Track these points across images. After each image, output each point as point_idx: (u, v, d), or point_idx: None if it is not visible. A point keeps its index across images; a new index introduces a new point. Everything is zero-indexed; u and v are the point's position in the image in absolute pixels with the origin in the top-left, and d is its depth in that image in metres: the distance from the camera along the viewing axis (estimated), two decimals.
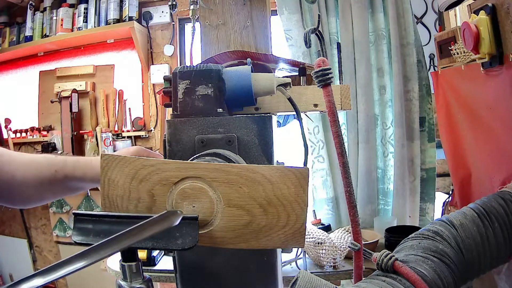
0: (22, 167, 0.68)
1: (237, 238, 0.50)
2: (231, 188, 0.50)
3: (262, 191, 0.49)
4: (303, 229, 0.50)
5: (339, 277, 1.50)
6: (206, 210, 0.50)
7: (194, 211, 0.50)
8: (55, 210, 2.76)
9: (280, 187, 0.49)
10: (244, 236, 0.50)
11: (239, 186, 0.49)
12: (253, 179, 0.49)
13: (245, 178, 0.49)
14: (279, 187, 0.49)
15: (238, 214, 0.50)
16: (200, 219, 0.49)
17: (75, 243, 0.50)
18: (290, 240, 0.50)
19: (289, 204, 0.49)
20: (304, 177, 0.49)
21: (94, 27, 2.55)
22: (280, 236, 0.50)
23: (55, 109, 2.71)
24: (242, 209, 0.50)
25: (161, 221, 0.46)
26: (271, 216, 0.49)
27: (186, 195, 0.50)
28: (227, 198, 0.50)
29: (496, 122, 1.15)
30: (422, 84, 1.92)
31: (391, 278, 0.65)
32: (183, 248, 0.47)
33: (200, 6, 1.11)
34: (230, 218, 0.50)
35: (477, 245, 0.76)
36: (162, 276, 1.48)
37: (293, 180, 0.49)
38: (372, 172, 1.94)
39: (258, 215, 0.49)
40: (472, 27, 1.08)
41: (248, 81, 0.66)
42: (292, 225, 0.50)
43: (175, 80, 0.65)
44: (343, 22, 1.90)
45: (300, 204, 0.49)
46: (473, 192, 1.37)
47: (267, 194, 0.49)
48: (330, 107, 0.64)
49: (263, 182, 0.49)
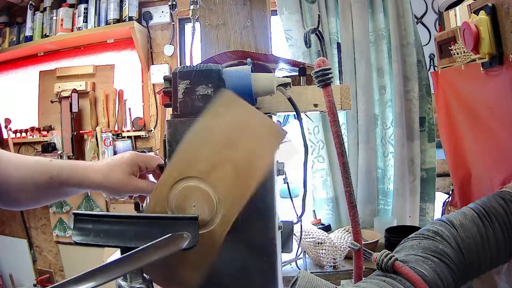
0: (19, 171, 0.68)
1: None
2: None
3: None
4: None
5: (339, 277, 1.50)
6: (206, 210, 0.50)
7: (194, 211, 0.50)
8: (55, 210, 2.76)
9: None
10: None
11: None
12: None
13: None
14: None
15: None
16: (200, 219, 0.49)
17: (75, 243, 0.50)
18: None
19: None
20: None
21: (94, 27, 2.55)
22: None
23: (55, 109, 2.71)
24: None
25: (168, 244, 0.46)
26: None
27: (186, 195, 0.50)
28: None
29: (496, 122, 1.15)
30: (422, 84, 1.92)
31: (391, 278, 0.65)
32: (183, 248, 0.47)
33: (200, 6, 1.11)
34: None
35: (477, 245, 0.76)
36: None
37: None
38: (372, 172, 1.94)
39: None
40: (472, 27, 1.08)
41: (248, 81, 0.66)
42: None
43: (175, 80, 0.65)
44: (343, 22, 1.90)
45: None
46: (473, 192, 1.37)
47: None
48: (330, 107, 0.64)
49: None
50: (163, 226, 0.49)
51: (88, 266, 0.40)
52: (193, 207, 0.51)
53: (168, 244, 0.46)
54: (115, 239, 0.49)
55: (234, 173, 0.52)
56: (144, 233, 0.49)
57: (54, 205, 2.76)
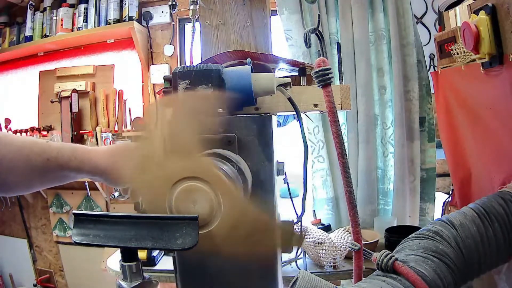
0: (12, 152, 0.61)
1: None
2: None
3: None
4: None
5: (339, 277, 1.50)
6: (206, 210, 0.50)
7: (194, 211, 0.50)
8: (55, 210, 2.76)
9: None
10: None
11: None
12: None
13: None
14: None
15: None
16: (200, 219, 0.49)
17: (75, 243, 0.50)
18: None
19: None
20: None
21: (94, 27, 2.55)
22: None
23: (55, 109, 2.71)
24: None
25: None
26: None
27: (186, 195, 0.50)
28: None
29: (496, 122, 1.15)
30: (422, 84, 1.92)
31: (391, 278, 0.65)
32: (183, 248, 0.47)
33: (200, 6, 1.11)
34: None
35: (477, 245, 0.76)
36: (162, 276, 1.48)
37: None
38: (372, 172, 1.94)
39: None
40: (472, 27, 1.08)
41: (248, 81, 0.66)
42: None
43: (175, 80, 0.65)
44: (343, 22, 1.90)
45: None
46: (473, 192, 1.37)
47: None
48: (330, 107, 0.64)
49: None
50: (163, 226, 0.49)
51: (88, 266, 0.40)
52: (193, 207, 0.51)
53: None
54: (115, 239, 0.49)
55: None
56: (144, 233, 0.49)
57: (54, 205, 2.76)
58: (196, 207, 0.50)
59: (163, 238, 0.47)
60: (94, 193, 2.70)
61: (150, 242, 0.47)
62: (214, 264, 0.67)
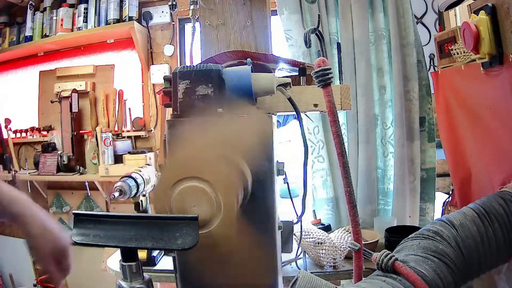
0: None
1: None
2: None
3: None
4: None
5: (339, 277, 1.50)
6: (206, 210, 0.50)
7: (194, 211, 0.50)
8: (55, 210, 2.76)
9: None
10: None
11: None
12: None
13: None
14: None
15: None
16: (200, 219, 0.49)
17: (75, 243, 0.50)
18: None
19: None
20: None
21: (94, 27, 2.55)
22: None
23: (55, 109, 2.71)
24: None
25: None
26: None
27: (186, 195, 0.50)
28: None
29: (496, 122, 1.15)
30: (422, 84, 1.91)
31: (391, 278, 0.65)
32: (183, 248, 0.47)
33: (200, 6, 1.11)
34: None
35: (477, 245, 0.76)
36: (162, 276, 1.48)
37: None
38: (372, 172, 1.93)
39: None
40: (472, 27, 1.08)
41: (248, 81, 0.66)
42: None
43: (175, 80, 0.65)
44: (343, 22, 1.90)
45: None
46: (473, 192, 1.37)
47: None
48: (330, 107, 0.64)
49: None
50: (163, 226, 0.49)
51: (88, 266, 0.40)
52: (193, 207, 0.51)
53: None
54: (115, 239, 0.49)
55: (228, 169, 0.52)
56: (144, 233, 0.49)
57: (54, 205, 2.76)
58: (196, 207, 0.50)
59: (163, 238, 0.47)
60: (94, 193, 2.70)
61: (150, 242, 0.47)
62: (214, 264, 0.67)
